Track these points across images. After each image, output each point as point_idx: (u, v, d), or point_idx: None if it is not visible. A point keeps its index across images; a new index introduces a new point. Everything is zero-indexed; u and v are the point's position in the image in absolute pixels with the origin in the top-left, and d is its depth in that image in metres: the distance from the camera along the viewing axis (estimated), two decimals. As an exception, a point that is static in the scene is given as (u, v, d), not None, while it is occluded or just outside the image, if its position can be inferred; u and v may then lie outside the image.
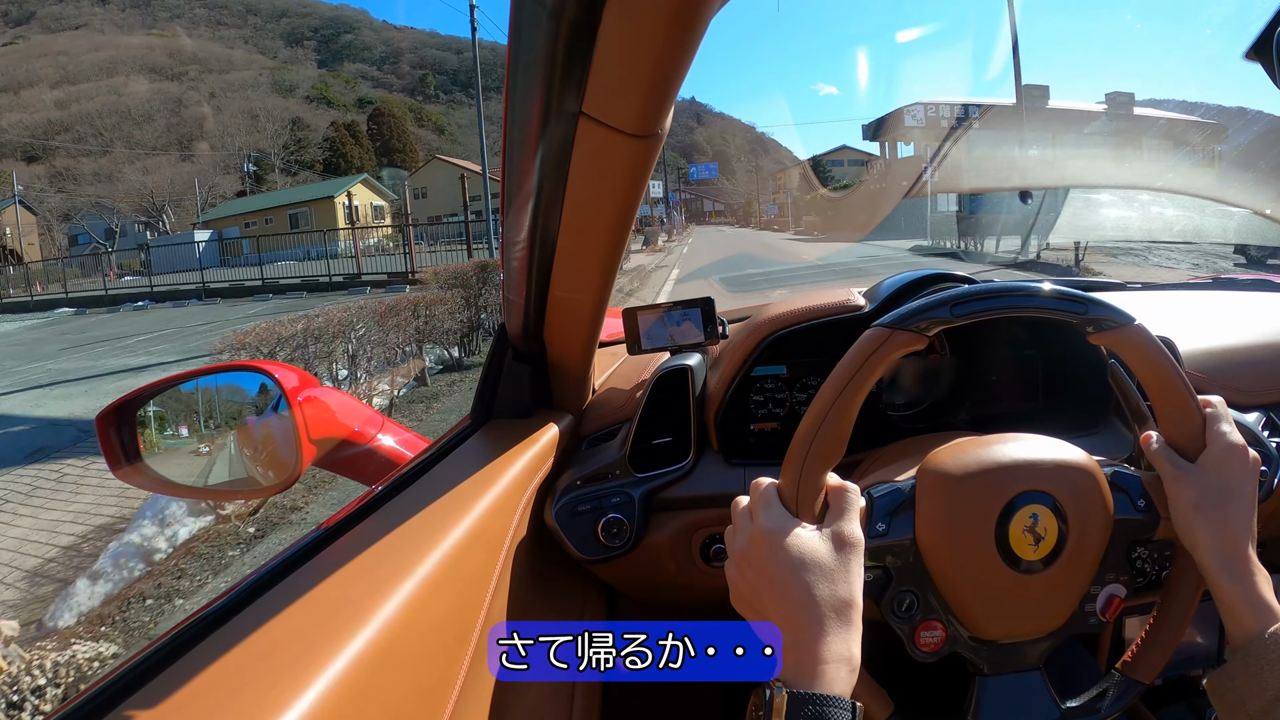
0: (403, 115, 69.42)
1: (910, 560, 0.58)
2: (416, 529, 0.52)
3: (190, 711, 0.33)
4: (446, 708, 0.45)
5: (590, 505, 0.75)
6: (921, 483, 0.59)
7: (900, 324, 0.58)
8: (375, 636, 0.39)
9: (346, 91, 73.79)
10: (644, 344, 0.88)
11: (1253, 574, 0.53)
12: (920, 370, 0.92)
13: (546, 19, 0.38)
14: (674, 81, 0.42)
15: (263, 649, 0.38)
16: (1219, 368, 0.87)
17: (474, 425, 0.81)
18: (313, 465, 0.82)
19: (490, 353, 0.83)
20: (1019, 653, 0.60)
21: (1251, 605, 0.52)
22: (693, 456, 0.80)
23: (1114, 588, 0.60)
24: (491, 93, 18.40)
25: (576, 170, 0.51)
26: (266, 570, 0.48)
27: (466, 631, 0.50)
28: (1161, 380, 0.59)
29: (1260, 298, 1.17)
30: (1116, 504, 0.59)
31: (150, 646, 0.40)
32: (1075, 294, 0.59)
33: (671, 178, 60.86)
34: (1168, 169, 2.68)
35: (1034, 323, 0.88)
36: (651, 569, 0.80)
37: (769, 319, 0.84)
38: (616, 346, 1.08)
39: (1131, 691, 0.62)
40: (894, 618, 0.59)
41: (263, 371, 0.82)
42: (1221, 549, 0.54)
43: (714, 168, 53.04)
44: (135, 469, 0.83)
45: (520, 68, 0.42)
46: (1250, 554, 0.54)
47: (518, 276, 0.67)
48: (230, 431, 0.87)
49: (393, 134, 65.32)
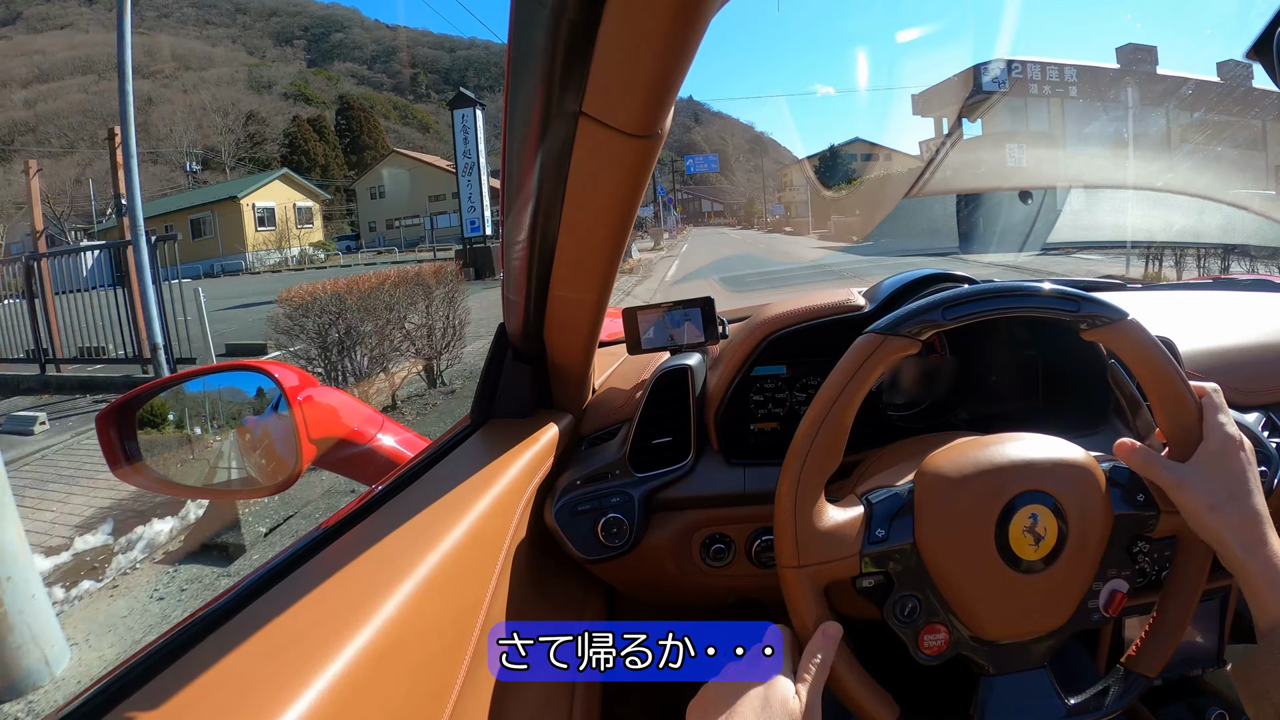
0: (376, 110, 66.23)
1: (911, 565, 0.58)
2: (416, 529, 0.52)
3: (190, 712, 0.33)
4: (446, 708, 0.45)
5: (590, 505, 0.75)
6: (920, 487, 0.59)
7: (892, 330, 0.58)
8: (375, 636, 0.39)
9: (328, 88, 71.93)
10: (644, 344, 0.88)
11: (1277, 559, 0.53)
12: (920, 370, 0.92)
13: (547, 19, 0.38)
14: (674, 81, 0.42)
15: (262, 649, 0.38)
16: (1219, 368, 0.87)
17: (474, 425, 0.81)
18: (313, 465, 0.82)
19: (490, 353, 0.83)
20: (1023, 652, 0.60)
21: (1275, 590, 0.52)
22: (693, 456, 0.80)
23: (1116, 583, 0.61)
24: (485, 91, 18.30)
25: (576, 170, 0.51)
26: (266, 570, 0.48)
27: (466, 631, 0.50)
28: (1156, 374, 0.59)
29: (1260, 298, 1.17)
30: (1115, 499, 0.59)
31: (150, 646, 0.40)
32: (1068, 292, 0.59)
33: (666, 178, 59.25)
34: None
35: (1034, 323, 0.88)
36: (651, 569, 0.80)
37: (769, 319, 0.84)
38: (616, 346, 1.08)
39: (1137, 686, 0.62)
40: (897, 622, 0.59)
41: (263, 371, 0.82)
42: (1244, 539, 0.55)
43: (714, 159, 50.78)
44: (135, 469, 0.83)
45: (520, 68, 0.42)
46: (1271, 537, 0.55)
47: (518, 276, 0.67)
48: (230, 431, 0.87)
49: (363, 130, 61.83)
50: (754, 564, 0.80)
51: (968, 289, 0.60)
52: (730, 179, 73.74)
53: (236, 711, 0.33)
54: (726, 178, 74.62)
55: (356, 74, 79.67)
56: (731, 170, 77.28)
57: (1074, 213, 4.34)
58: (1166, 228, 2.79)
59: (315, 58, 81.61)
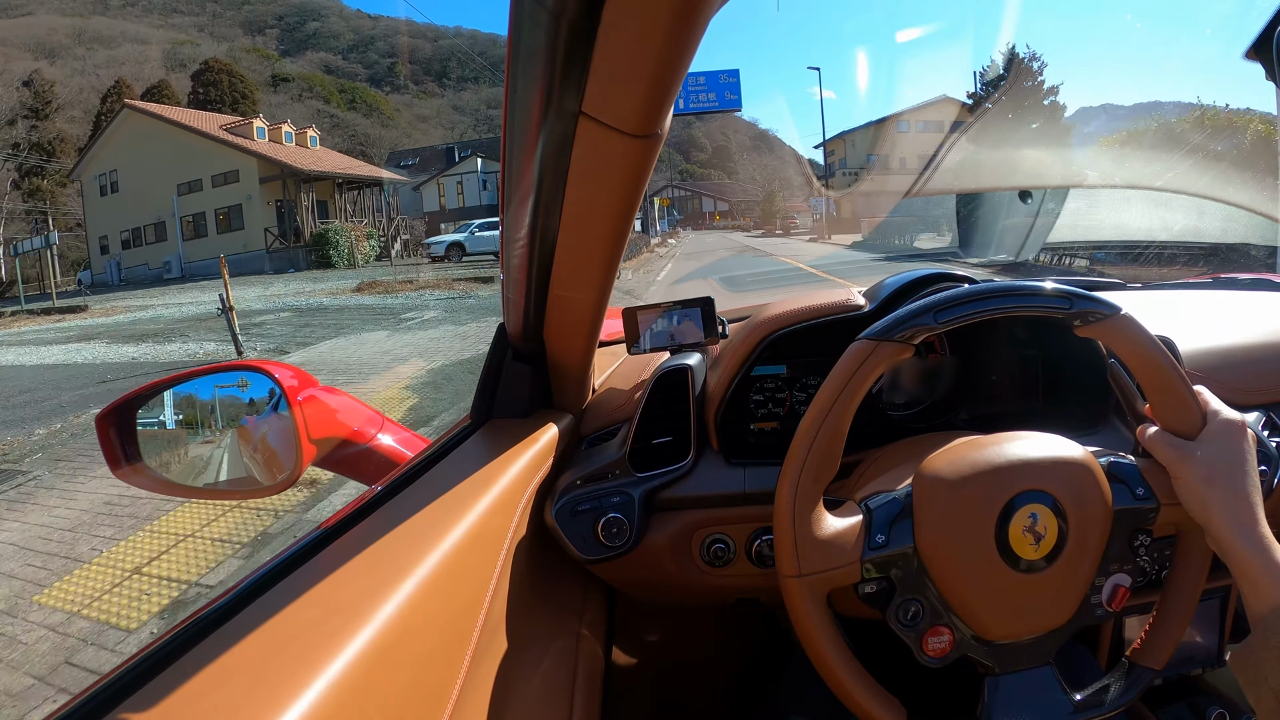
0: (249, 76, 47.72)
1: (913, 569, 0.58)
2: (416, 529, 0.52)
3: (190, 711, 0.33)
4: (446, 708, 0.45)
5: (590, 505, 0.75)
6: (918, 490, 0.59)
7: (885, 335, 0.58)
8: (375, 636, 0.39)
9: (261, 67, 62.64)
10: (644, 344, 0.88)
11: (1270, 543, 0.53)
12: (920, 370, 0.92)
13: (546, 19, 0.38)
14: (673, 81, 0.42)
15: (262, 649, 0.38)
16: (1219, 367, 0.87)
17: (474, 425, 0.81)
18: (313, 465, 0.82)
19: (490, 352, 0.83)
20: (1028, 650, 0.60)
21: (1270, 574, 0.52)
22: (693, 456, 0.80)
23: (1119, 578, 0.61)
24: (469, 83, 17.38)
25: (576, 170, 0.51)
26: (266, 570, 0.48)
27: (466, 631, 0.50)
28: (1153, 367, 0.59)
29: (1260, 298, 1.17)
30: (1115, 494, 0.59)
31: (150, 646, 0.40)
32: (1060, 290, 0.59)
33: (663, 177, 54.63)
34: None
35: (1034, 322, 0.88)
36: (651, 569, 0.80)
37: (769, 319, 0.84)
38: (616, 346, 1.08)
39: (1142, 680, 0.62)
40: (900, 627, 0.59)
41: (263, 371, 0.82)
42: (1237, 518, 0.54)
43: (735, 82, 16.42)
44: (135, 469, 0.83)
45: (520, 67, 0.42)
46: (1263, 520, 0.54)
47: (517, 275, 0.67)
48: (230, 431, 0.87)
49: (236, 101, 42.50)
50: (754, 564, 0.80)
51: (959, 291, 0.60)
52: (734, 177, 72.53)
53: (237, 711, 0.33)
54: (729, 176, 73.47)
55: (331, 64, 74.60)
56: (734, 169, 76.26)
57: (1073, 212, 4.36)
58: (1167, 228, 2.79)
59: (289, 48, 76.34)
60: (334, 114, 60.82)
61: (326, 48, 79.80)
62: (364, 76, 75.69)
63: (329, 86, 65.69)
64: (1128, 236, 3.19)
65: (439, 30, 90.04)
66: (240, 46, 70.11)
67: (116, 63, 55.16)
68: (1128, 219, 2.86)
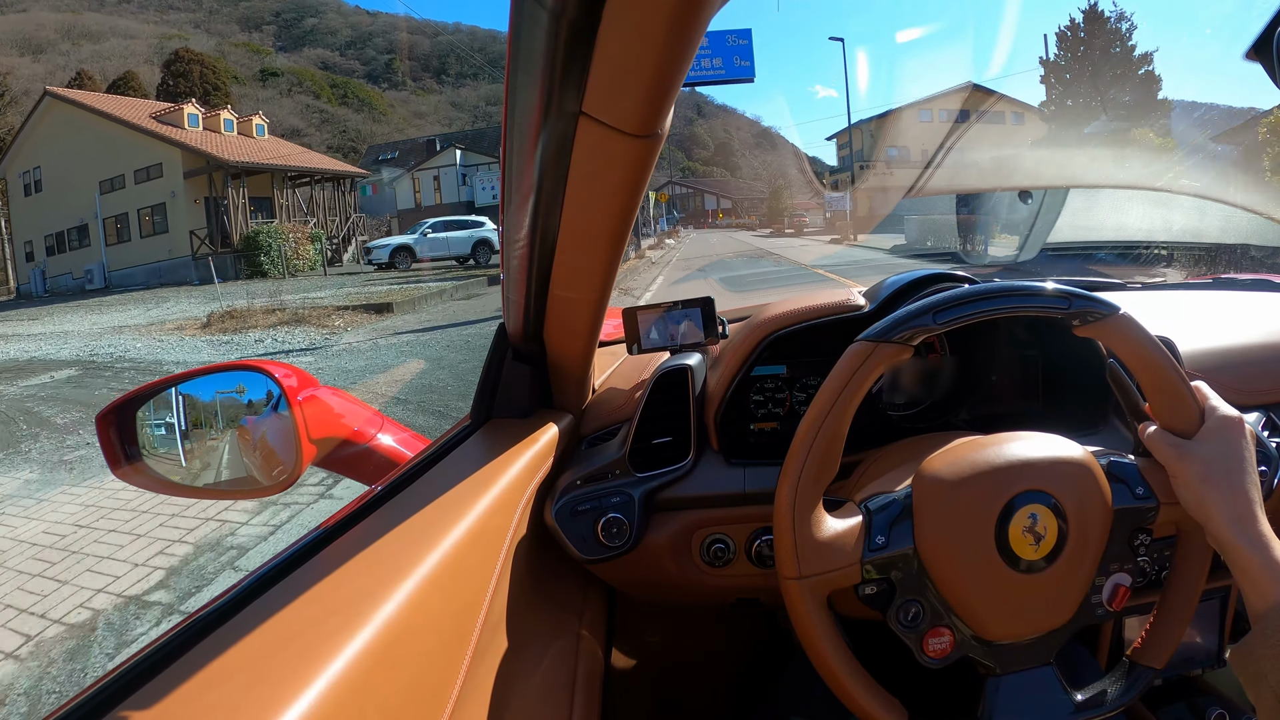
0: (227, 67, 45.73)
1: (913, 570, 0.58)
2: (416, 529, 0.52)
3: (189, 711, 0.33)
4: (446, 708, 0.45)
5: (590, 505, 0.75)
6: (918, 491, 0.60)
7: (884, 337, 0.58)
8: (375, 636, 0.39)
9: (250, 61, 62.04)
10: (644, 344, 0.88)
11: (1269, 540, 0.53)
12: (920, 370, 0.92)
13: (546, 19, 0.38)
14: (673, 81, 0.42)
15: (262, 648, 0.38)
16: (1219, 368, 0.87)
17: (474, 425, 0.81)
18: (313, 465, 0.82)
19: (490, 352, 0.83)
20: (1029, 650, 0.60)
21: (1270, 571, 0.52)
22: (693, 456, 0.80)
23: (1119, 577, 0.61)
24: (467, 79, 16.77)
25: (576, 170, 0.51)
26: (266, 570, 0.48)
27: (466, 631, 0.50)
28: (1151, 366, 0.59)
29: (1260, 298, 1.17)
30: (1115, 494, 0.59)
31: (150, 646, 0.40)
32: (1058, 289, 0.59)
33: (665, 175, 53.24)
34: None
35: (1035, 322, 0.88)
36: (651, 569, 0.80)
37: (769, 319, 0.84)
38: (616, 346, 1.08)
39: (1143, 679, 0.62)
40: (901, 628, 0.59)
41: (262, 371, 0.82)
42: (1236, 515, 0.54)
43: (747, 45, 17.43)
44: (135, 469, 0.83)
45: (520, 67, 0.42)
46: (1262, 516, 0.54)
47: (517, 276, 0.67)
48: (230, 431, 0.87)
49: (208, 92, 39.78)
50: (754, 564, 0.80)
51: (958, 291, 0.60)
52: (736, 175, 71.92)
53: (237, 710, 0.33)
54: (731, 173, 72.96)
55: (327, 60, 74.14)
56: (737, 165, 75.71)
57: (1074, 212, 4.36)
58: (1167, 227, 2.79)
59: (286, 44, 75.86)
60: (324, 109, 59.72)
61: (324, 44, 78.86)
62: (361, 73, 74.64)
63: (319, 81, 64.57)
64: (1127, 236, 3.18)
65: (438, 26, 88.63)
66: (231, 42, 69.28)
67: (101, 58, 53.64)
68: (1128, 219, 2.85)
